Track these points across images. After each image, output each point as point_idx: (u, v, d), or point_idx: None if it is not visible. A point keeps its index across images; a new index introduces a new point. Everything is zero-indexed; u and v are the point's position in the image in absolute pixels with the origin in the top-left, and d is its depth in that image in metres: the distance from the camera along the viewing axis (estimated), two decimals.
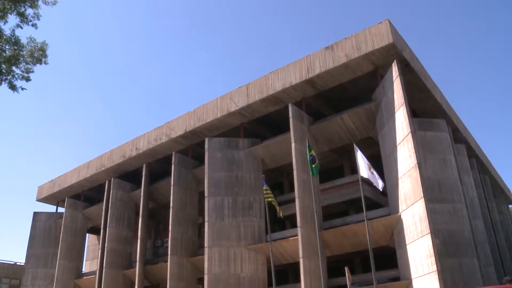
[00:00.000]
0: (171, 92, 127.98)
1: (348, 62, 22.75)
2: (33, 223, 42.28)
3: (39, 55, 12.76)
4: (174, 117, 30.70)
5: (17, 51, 12.43)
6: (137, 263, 31.11)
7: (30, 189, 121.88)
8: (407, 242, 20.08)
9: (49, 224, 42.16)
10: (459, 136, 28.70)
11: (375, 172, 17.37)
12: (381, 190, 18.26)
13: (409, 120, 20.42)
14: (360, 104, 24.30)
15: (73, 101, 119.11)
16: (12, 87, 12.43)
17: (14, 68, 12.47)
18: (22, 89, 12.65)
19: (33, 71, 12.72)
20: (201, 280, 27.79)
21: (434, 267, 17.54)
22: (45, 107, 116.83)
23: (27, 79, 12.70)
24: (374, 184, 17.30)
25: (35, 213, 42.85)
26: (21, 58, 12.56)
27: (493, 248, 28.96)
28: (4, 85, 12.36)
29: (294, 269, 26.22)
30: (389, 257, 23.24)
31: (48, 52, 12.92)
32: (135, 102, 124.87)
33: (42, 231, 41.91)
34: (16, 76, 12.52)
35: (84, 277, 37.90)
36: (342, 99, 25.45)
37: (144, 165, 33.06)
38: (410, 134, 20.17)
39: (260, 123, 27.83)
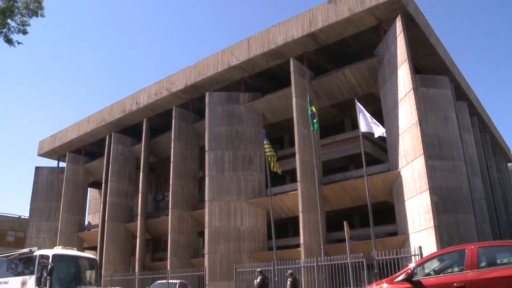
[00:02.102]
0: (171, 46, 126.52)
1: (351, 16, 22.30)
2: (35, 178, 42.74)
3: (34, 7, 12.27)
4: (174, 71, 30.43)
5: (11, 3, 11.99)
6: (139, 216, 31.52)
7: (31, 144, 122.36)
8: (405, 198, 20.24)
9: (51, 179, 42.58)
10: (461, 93, 28.48)
11: (376, 122, 17.24)
12: (385, 135, 18.10)
13: (411, 76, 20.20)
14: (363, 59, 23.99)
15: (73, 55, 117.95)
16: (8, 41, 12.08)
17: (9, 21, 12.05)
18: (19, 43, 12.30)
19: (29, 24, 12.32)
20: (201, 233, 28.24)
21: (431, 223, 17.73)
22: (45, 62, 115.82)
23: (24, 32, 12.31)
24: (376, 134, 17.21)
25: (37, 168, 43.27)
26: (16, 10, 12.11)
27: (489, 206, 29.24)
28: (0, 39, 12.04)
29: (293, 223, 26.62)
30: (388, 212, 23.51)
31: (44, 4, 12.45)
32: (135, 56, 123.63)
33: (45, 185, 42.40)
34: (12, 29, 12.13)
35: (87, 230, 38.55)
36: (344, 54, 25.10)
37: (145, 119, 33.00)
38: (412, 91, 19.98)
39: (261, 77, 27.57)
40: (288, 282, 15.32)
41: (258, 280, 15.67)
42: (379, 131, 17.12)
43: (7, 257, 23.30)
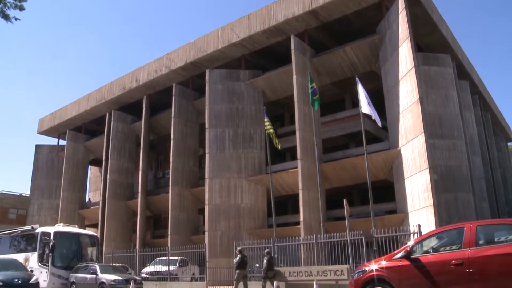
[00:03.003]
0: (171, 22, 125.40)
1: None
2: (36, 156, 42.83)
3: None
4: (174, 48, 30.20)
5: None
6: (139, 194, 31.68)
7: (31, 122, 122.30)
8: (405, 176, 20.29)
9: (52, 157, 42.67)
10: (463, 72, 28.27)
11: (372, 108, 17.22)
12: (380, 125, 18.17)
13: (413, 54, 20.05)
14: (364, 37, 23.79)
15: (72, 33, 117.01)
16: (5, 16, 11.83)
17: None
18: (16, 19, 12.07)
19: (25, 0, 12.10)
20: (201, 211, 28.39)
21: (431, 201, 17.81)
22: (44, 39, 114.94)
23: (21, 8, 12.03)
24: (374, 118, 17.18)
25: (37, 146, 43.33)
26: None
27: (488, 184, 29.33)
28: None
29: (293, 201, 26.75)
30: (387, 190, 23.57)
31: None
32: (134, 33, 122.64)
33: (45, 163, 42.52)
34: (8, 4, 11.90)
35: (88, 208, 38.77)
36: (346, 32, 24.87)
37: (144, 97, 32.88)
38: (413, 69, 19.86)
39: (262, 54, 27.38)
40: (265, 260, 15.58)
41: (237, 258, 16.03)
42: (376, 116, 17.10)
43: (10, 234, 23.51)
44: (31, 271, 17.51)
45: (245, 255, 16.52)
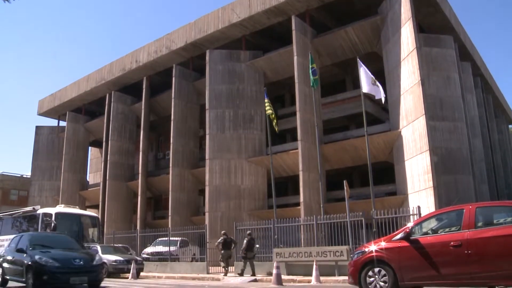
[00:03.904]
0: (171, 2, 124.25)
1: None
2: (36, 137, 42.77)
3: None
4: (174, 29, 29.99)
5: None
6: (140, 175, 31.76)
7: (31, 103, 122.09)
8: (405, 158, 20.31)
9: (52, 138, 42.63)
10: (465, 53, 28.05)
11: (379, 84, 17.05)
12: (383, 102, 18.10)
13: (415, 35, 19.91)
14: (366, 18, 23.56)
15: (72, 13, 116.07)
16: None
17: None
18: None
19: None
20: (202, 192, 28.49)
21: (431, 183, 17.86)
22: (43, 20, 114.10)
23: None
24: (376, 96, 17.07)
25: (37, 127, 43.25)
26: None
27: (488, 167, 29.36)
28: None
29: (293, 182, 26.79)
30: (387, 172, 23.62)
31: None
32: (134, 13, 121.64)
33: (45, 144, 42.49)
34: None
35: (89, 189, 38.90)
36: (347, 12, 24.62)
37: (145, 77, 32.72)
38: (415, 50, 19.73)
39: (262, 35, 27.16)
40: (245, 241, 15.87)
41: (220, 239, 16.43)
42: (379, 94, 16.93)
43: (12, 216, 23.64)
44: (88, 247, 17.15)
45: (230, 237, 16.92)
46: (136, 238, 23.56)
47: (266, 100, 20.99)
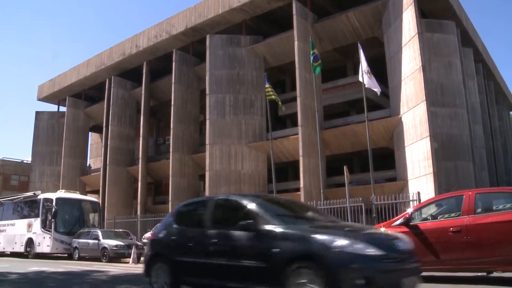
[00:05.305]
0: None
1: None
2: (36, 122, 42.70)
3: None
4: (174, 13, 29.80)
5: None
6: (140, 160, 31.77)
7: (31, 88, 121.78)
8: (406, 144, 20.30)
9: (52, 123, 42.56)
10: (467, 39, 27.82)
11: (373, 78, 17.06)
12: (378, 95, 18.10)
13: (416, 21, 19.79)
14: (367, 2, 23.37)
15: None
16: None
17: None
18: None
19: None
20: (202, 177, 28.50)
21: (431, 169, 17.88)
22: (43, 4, 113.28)
23: None
24: (372, 88, 17.04)
25: (37, 113, 43.16)
26: None
27: (489, 153, 29.30)
28: None
29: (293, 167, 26.78)
30: (387, 158, 23.62)
31: None
32: None
33: (46, 130, 42.43)
34: None
35: (89, 174, 38.97)
36: None
37: (145, 62, 32.55)
38: (416, 35, 19.62)
39: (263, 20, 26.92)
40: None
41: None
42: (373, 86, 16.93)
43: (13, 201, 23.73)
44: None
45: None
46: (136, 223, 23.71)
47: (267, 85, 20.92)
